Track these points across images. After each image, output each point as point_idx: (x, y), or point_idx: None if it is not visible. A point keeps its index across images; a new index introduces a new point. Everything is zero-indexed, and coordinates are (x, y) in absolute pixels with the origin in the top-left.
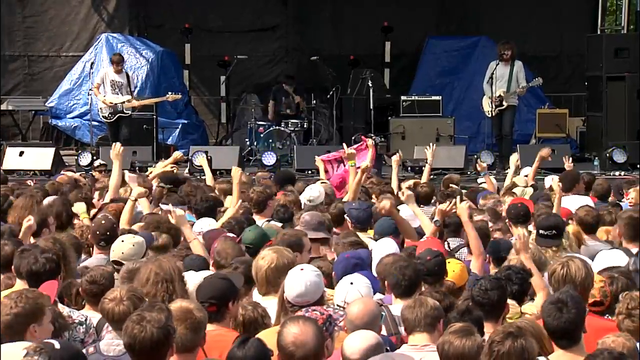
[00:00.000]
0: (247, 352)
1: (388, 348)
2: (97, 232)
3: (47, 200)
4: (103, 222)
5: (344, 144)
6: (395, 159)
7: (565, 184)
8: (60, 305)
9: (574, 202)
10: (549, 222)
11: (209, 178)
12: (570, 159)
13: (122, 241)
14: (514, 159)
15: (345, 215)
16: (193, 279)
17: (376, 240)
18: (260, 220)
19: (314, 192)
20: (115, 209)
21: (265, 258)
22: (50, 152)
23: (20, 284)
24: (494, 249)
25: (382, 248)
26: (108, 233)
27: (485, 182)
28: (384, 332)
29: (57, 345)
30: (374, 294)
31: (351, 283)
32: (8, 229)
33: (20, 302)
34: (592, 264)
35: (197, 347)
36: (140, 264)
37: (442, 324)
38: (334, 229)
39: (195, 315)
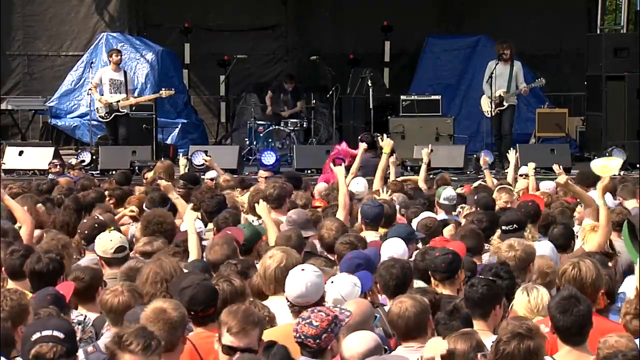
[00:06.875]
0: (273, 358)
1: (386, 348)
2: (79, 231)
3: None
4: (85, 221)
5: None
6: (391, 160)
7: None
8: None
9: None
10: (509, 218)
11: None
12: (561, 167)
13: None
14: (513, 154)
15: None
16: None
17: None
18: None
19: (359, 187)
20: (138, 199)
21: (274, 257)
22: (49, 151)
23: (11, 284)
24: None
25: (390, 248)
26: (87, 232)
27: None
28: (381, 333)
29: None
30: (362, 293)
31: (332, 282)
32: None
33: (5, 305)
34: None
35: (177, 346)
36: (142, 264)
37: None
38: None
39: (171, 315)
